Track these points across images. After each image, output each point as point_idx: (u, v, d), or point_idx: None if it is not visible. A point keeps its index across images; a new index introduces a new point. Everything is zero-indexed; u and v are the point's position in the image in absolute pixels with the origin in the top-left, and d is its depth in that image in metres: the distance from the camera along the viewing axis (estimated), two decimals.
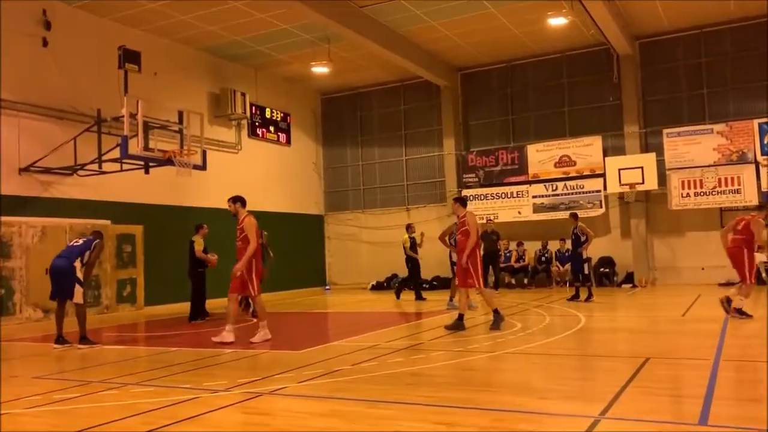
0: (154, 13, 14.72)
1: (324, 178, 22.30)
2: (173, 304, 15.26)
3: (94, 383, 6.27)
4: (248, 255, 8.65)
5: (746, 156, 16.24)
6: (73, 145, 13.20)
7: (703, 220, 16.96)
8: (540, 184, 18.58)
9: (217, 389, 5.73)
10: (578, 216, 13.82)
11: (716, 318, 9.63)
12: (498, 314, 9.19)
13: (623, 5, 15.51)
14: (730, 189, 16.29)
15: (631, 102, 17.79)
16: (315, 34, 16.55)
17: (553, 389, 5.52)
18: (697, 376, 5.78)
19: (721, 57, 17.18)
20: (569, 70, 18.92)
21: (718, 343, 7.35)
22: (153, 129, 12.77)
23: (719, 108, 17.15)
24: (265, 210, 19.22)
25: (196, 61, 17.45)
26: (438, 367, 6.61)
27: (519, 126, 19.66)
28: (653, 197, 17.50)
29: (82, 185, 13.96)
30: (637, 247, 17.50)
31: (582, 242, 13.16)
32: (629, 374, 5.80)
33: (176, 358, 7.77)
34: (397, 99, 21.33)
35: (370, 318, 12.30)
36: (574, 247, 13.38)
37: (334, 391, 5.53)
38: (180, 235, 16.27)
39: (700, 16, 16.55)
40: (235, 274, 8.70)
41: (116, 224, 14.61)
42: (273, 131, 19.97)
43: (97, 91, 13.99)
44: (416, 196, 20.86)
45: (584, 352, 7.57)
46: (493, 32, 16.99)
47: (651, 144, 17.62)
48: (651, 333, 9.05)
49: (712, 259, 16.80)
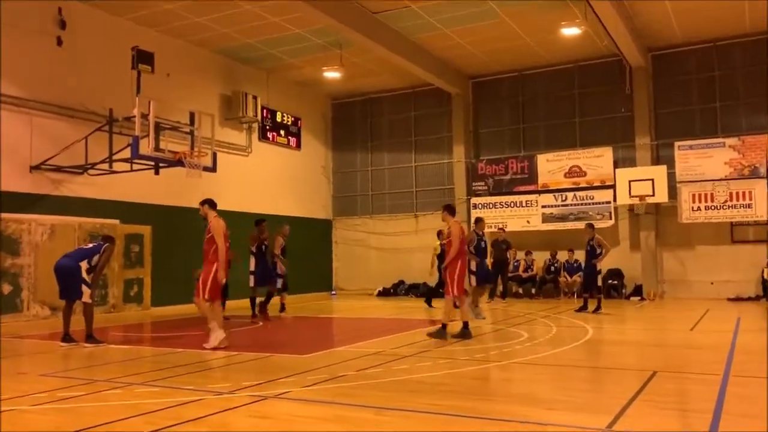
0: (169, 14, 14.81)
1: (333, 183, 22.32)
2: (180, 305, 15.26)
3: (99, 382, 6.27)
4: (223, 259, 8.50)
5: (758, 171, 16.13)
6: (84, 144, 13.26)
7: (713, 234, 16.85)
8: (549, 194, 18.51)
9: (222, 391, 5.72)
10: (594, 227, 13.73)
11: (725, 332, 9.53)
12: (443, 330, 8.99)
13: (637, 17, 15.46)
14: (741, 203, 16.17)
15: (643, 114, 17.71)
16: (327, 39, 16.60)
17: (560, 400, 5.47)
18: (705, 390, 5.72)
19: (734, 71, 17.09)
20: (581, 81, 18.87)
21: (727, 358, 7.28)
22: (164, 130, 12.82)
23: (731, 122, 17.05)
24: (274, 213, 19.28)
25: (209, 63, 17.53)
26: (444, 375, 6.57)
27: (529, 135, 19.62)
28: (663, 210, 17.39)
29: (92, 184, 14.02)
30: (646, 260, 17.38)
31: (597, 254, 13.04)
32: (637, 387, 5.75)
33: (181, 359, 7.77)
34: (407, 105, 21.34)
35: (376, 324, 12.26)
36: (588, 258, 13.21)
37: (338, 397, 5.51)
38: (188, 236, 16.36)
39: (714, 30, 16.48)
40: (221, 281, 8.53)
41: (125, 224, 14.66)
42: (283, 135, 20.02)
43: (109, 91, 14.07)
44: (425, 203, 20.82)
45: (592, 363, 7.51)
46: (505, 41, 16.98)
47: (662, 156, 17.52)
48: (659, 346, 8.98)
49: (721, 273, 16.71)
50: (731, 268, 16.62)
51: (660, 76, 17.89)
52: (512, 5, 14.71)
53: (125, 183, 14.25)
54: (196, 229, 16.80)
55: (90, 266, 9.04)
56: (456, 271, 9.13)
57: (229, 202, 17.83)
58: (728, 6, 14.92)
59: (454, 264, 9.14)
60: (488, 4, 14.59)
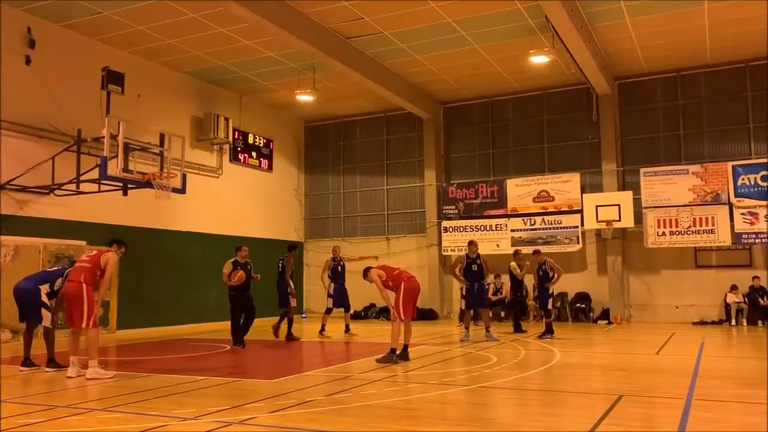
0: (141, 35, 14.77)
1: (305, 205, 22.29)
2: (147, 329, 15.02)
3: (60, 408, 6.12)
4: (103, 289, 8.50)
5: (720, 197, 16.56)
6: (51, 164, 13.07)
7: (677, 258, 17.20)
8: (518, 218, 18.75)
9: (187, 417, 5.63)
10: (541, 252, 14.04)
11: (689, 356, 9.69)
12: (392, 354, 9.22)
13: (603, 46, 15.89)
14: (704, 229, 16.56)
15: (609, 140, 18.11)
16: (301, 63, 16.70)
17: (526, 425, 5.50)
18: (669, 414, 5.81)
19: (697, 100, 17.61)
20: (549, 108, 19.26)
21: (690, 382, 7.40)
22: (133, 151, 12.70)
23: (695, 149, 17.52)
24: (244, 235, 19.16)
25: (180, 85, 17.48)
26: (412, 400, 6.56)
27: (499, 160, 19.89)
28: (629, 235, 17.73)
29: (59, 205, 13.79)
30: (613, 284, 17.64)
31: (550, 278, 13.27)
32: (603, 411, 5.81)
33: (146, 383, 7.62)
34: (380, 129, 21.50)
35: (346, 347, 12.19)
36: (541, 282, 13.43)
37: (306, 423, 5.46)
38: (156, 258, 16.17)
39: (677, 60, 17.01)
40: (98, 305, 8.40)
41: (92, 245, 14.37)
42: (255, 157, 19.98)
43: (78, 111, 13.93)
44: (396, 226, 20.90)
45: (558, 387, 7.57)
46: (476, 68, 17.29)
47: (628, 182, 17.91)
48: (625, 370, 9.09)
49: (686, 297, 17.04)
50: (695, 292, 16.97)
51: (626, 104, 18.35)
52: (482, 34, 15.01)
53: (93, 204, 14.04)
54: (163, 252, 16.70)
55: (51, 290, 8.75)
56: (401, 297, 9.36)
57: (199, 223, 17.76)
58: (690, 38, 15.44)
59: (399, 290, 9.40)
60: (459, 33, 14.87)
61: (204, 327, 16.66)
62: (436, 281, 19.64)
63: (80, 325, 8.14)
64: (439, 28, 14.62)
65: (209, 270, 17.88)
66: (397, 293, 9.44)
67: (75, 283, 8.19)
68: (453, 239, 19.41)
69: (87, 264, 8.39)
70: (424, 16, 13.97)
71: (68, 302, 8.25)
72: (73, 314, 8.17)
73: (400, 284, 9.46)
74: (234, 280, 11.50)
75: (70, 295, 8.19)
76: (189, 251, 17.26)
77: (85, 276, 8.22)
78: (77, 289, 8.12)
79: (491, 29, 14.75)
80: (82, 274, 8.24)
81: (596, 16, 14.15)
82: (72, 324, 8.29)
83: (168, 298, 16.41)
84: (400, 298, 9.37)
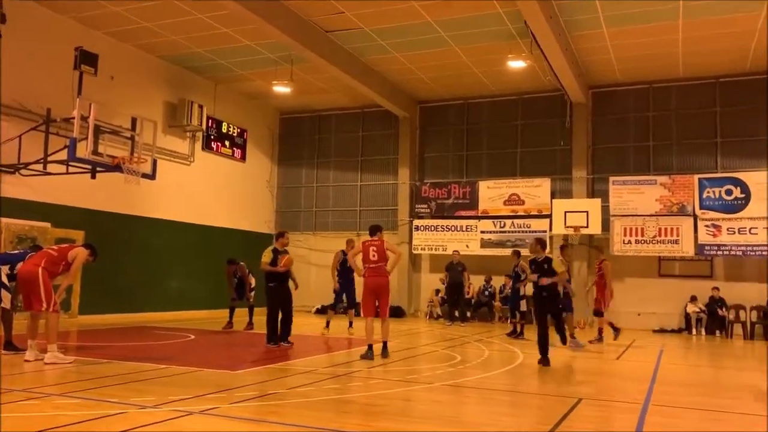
0: (117, 16, 14.50)
1: (276, 198, 22.15)
2: (111, 315, 14.79)
3: (16, 392, 6.00)
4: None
5: (686, 208, 16.92)
6: (18, 143, 12.76)
7: (642, 267, 17.50)
8: (489, 220, 18.90)
9: (146, 405, 5.57)
10: (521, 254, 14.09)
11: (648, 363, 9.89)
12: (370, 350, 9.24)
13: (580, 55, 16.10)
14: (669, 239, 16.89)
15: (581, 148, 18.36)
16: (279, 54, 16.58)
17: (486, 423, 5.56)
18: (626, 418, 5.93)
19: (668, 112, 17.94)
20: (524, 113, 19.43)
21: (648, 388, 7.56)
22: (104, 133, 12.45)
23: (663, 161, 17.85)
24: (214, 225, 18.99)
25: (155, 69, 17.22)
26: (373, 396, 6.58)
27: (472, 162, 20.01)
28: (596, 241, 17.97)
29: (24, 185, 13.48)
30: (577, 290, 17.83)
31: (521, 279, 13.43)
32: (562, 413, 5.90)
33: (107, 370, 7.52)
34: (356, 125, 21.46)
35: (312, 342, 12.16)
36: (513, 283, 13.66)
37: (265, 415, 5.44)
38: (122, 243, 15.92)
39: (651, 72, 17.30)
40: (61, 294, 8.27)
41: (56, 227, 14.13)
42: (228, 146, 19.79)
43: (48, 90, 13.63)
44: (368, 222, 20.65)
45: (520, 388, 7.67)
46: (454, 69, 17.36)
47: (597, 190, 18.18)
48: (585, 374, 9.24)
49: (648, 305, 17.35)
50: (657, 301, 17.30)
51: (599, 113, 18.61)
52: (462, 36, 15.08)
53: (59, 185, 13.76)
54: (130, 236, 16.44)
55: (11, 272, 8.58)
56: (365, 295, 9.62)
57: (169, 211, 17.52)
58: (664, 51, 15.71)
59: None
60: (439, 33, 14.92)
61: (169, 315, 16.48)
62: (405, 279, 19.69)
63: (39, 308, 8.01)
64: (419, 27, 14.65)
65: (177, 258, 17.71)
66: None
67: (30, 265, 8.12)
68: (424, 238, 19.49)
69: (54, 252, 8.34)
70: (405, 14, 13.99)
71: (22, 285, 8.15)
72: (31, 297, 8.04)
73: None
74: (282, 263, 10.82)
75: (23, 277, 8.09)
76: (157, 238, 17.04)
77: (45, 262, 8.11)
78: (31, 272, 8.03)
79: (471, 32, 14.83)
80: (43, 259, 8.12)
81: (574, 25, 14.32)
82: (30, 307, 8.15)
83: (133, 285, 16.17)
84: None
